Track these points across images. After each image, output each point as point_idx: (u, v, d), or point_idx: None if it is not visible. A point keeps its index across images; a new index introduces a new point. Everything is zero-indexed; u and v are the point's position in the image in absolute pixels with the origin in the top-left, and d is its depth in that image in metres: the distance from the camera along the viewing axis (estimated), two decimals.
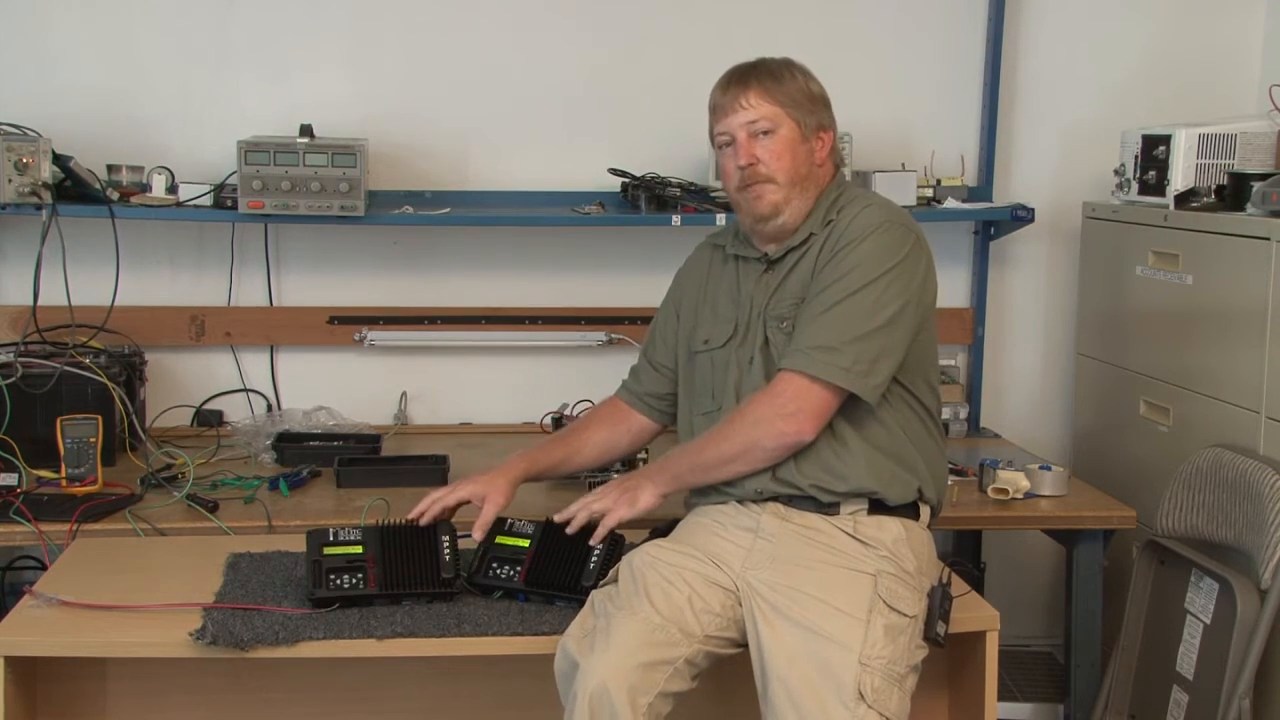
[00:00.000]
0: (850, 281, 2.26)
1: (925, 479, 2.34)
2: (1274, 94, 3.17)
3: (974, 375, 3.68)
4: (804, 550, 2.23)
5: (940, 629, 2.19)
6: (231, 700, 2.35)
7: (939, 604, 2.20)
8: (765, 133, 2.34)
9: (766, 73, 2.37)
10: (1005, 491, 2.96)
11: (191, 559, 2.48)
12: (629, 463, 2.91)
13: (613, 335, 3.54)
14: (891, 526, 2.27)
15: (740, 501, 2.33)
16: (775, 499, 2.30)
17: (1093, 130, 3.59)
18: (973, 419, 3.64)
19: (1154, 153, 3.22)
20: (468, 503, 2.42)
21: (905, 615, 2.14)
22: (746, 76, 2.37)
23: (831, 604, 2.12)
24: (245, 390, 3.55)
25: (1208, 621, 2.72)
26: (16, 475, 2.85)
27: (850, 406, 2.28)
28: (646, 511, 2.33)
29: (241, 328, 3.50)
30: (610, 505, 2.33)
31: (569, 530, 2.34)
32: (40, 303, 3.19)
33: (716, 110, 2.39)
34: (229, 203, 3.22)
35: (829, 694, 2.03)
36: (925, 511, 2.35)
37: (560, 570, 2.31)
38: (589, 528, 2.35)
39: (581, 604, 2.22)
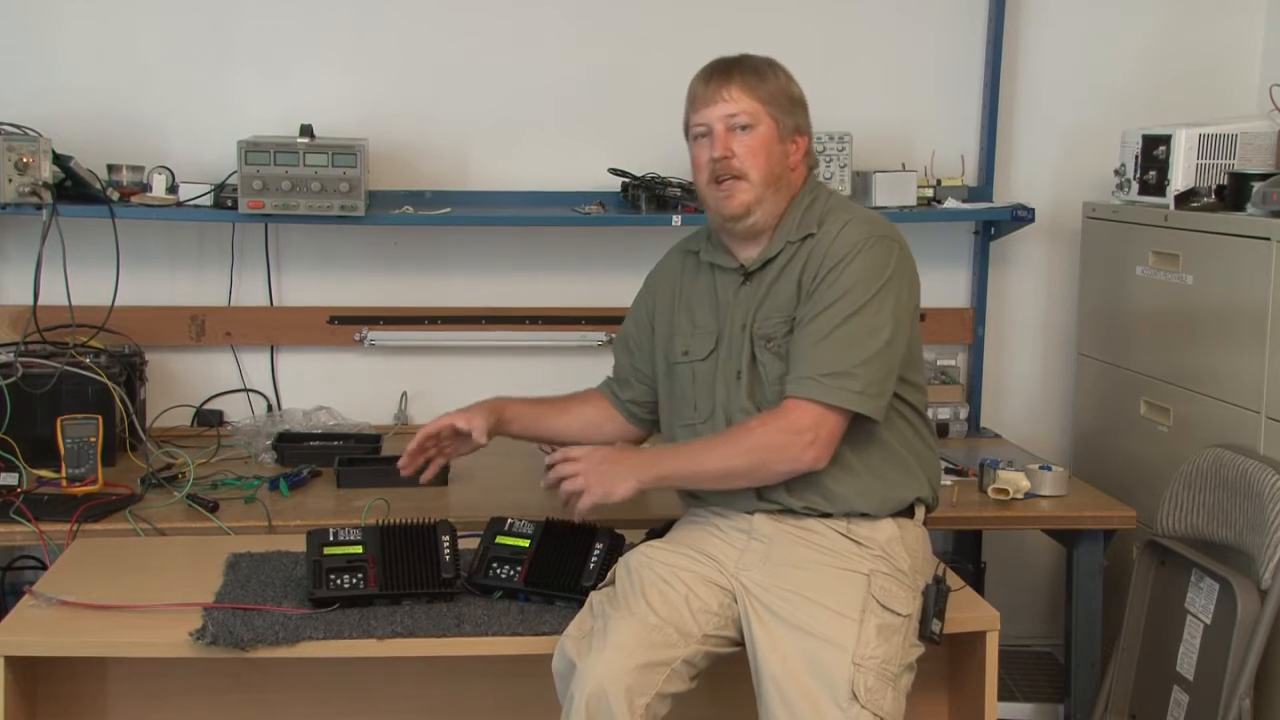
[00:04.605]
0: (847, 304, 2.23)
1: (921, 483, 2.33)
2: (1274, 94, 3.17)
3: (974, 375, 3.68)
4: (797, 550, 2.23)
5: (936, 627, 2.19)
6: (231, 700, 2.35)
7: (934, 602, 2.20)
8: (744, 128, 2.30)
9: (750, 68, 2.34)
10: (1005, 491, 2.96)
11: (191, 559, 2.49)
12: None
13: (613, 335, 3.52)
14: (885, 526, 2.27)
15: None
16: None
17: (1093, 130, 3.59)
18: (973, 419, 3.64)
19: (1154, 153, 3.21)
20: (452, 429, 2.45)
21: (899, 614, 2.14)
22: (730, 70, 2.34)
23: (824, 604, 2.11)
24: (245, 390, 3.55)
25: (1208, 621, 2.72)
26: (17, 475, 2.85)
27: (849, 428, 2.25)
28: (619, 502, 2.22)
29: (242, 328, 3.50)
30: (584, 486, 2.21)
31: (543, 485, 2.27)
32: (40, 303, 3.20)
33: (695, 100, 2.36)
34: (229, 203, 3.22)
35: (822, 694, 2.03)
36: (920, 510, 2.35)
37: (560, 570, 2.31)
38: (584, 528, 2.35)
39: (581, 604, 2.22)
